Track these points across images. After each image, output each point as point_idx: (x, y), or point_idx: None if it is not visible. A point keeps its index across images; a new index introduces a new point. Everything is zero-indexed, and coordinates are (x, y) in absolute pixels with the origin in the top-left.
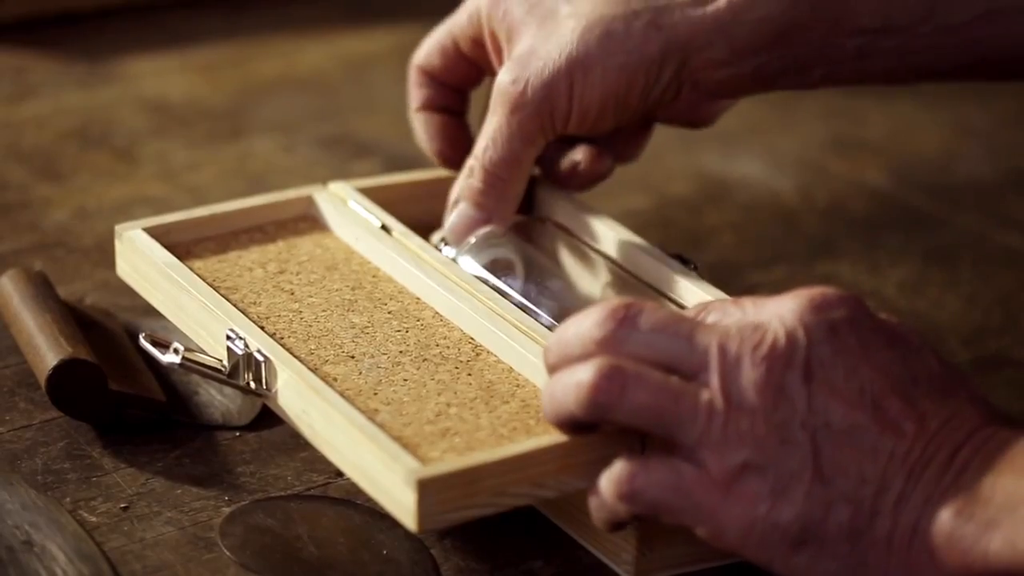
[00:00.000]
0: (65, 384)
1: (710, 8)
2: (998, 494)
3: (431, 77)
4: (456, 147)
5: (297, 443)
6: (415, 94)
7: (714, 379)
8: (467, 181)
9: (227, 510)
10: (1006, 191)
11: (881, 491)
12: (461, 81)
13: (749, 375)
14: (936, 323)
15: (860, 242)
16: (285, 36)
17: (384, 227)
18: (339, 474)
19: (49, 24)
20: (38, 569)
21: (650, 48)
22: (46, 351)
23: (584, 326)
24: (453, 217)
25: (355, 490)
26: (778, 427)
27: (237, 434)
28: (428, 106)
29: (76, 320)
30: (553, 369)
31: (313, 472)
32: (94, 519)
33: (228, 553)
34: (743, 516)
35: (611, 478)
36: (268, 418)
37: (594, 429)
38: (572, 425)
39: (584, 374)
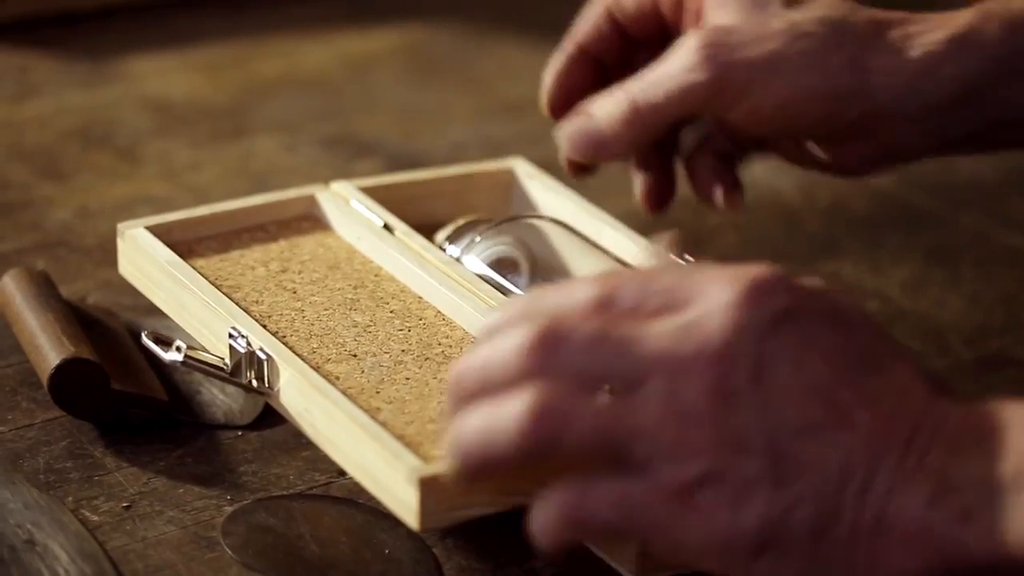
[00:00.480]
0: (67, 383)
1: (910, 55)
2: (970, 479)
3: (611, 18)
4: (571, 101)
5: (299, 442)
6: (583, 28)
7: (658, 389)
8: (611, 104)
9: (229, 509)
10: (1008, 191)
11: (842, 486)
12: (637, 31)
13: (696, 383)
14: (938, 322)
15: (862, 241)
16: (287, 36)
17: (386, 226)
18: (341, 473)
19: (51, 23)
20: (40, 568)
21: (842, 81)
22: (48, 350)
23: (507, 353)
24: (578, 122)
25: (357, 489)
26: (732, 433)
27: (239, 433)
28: (586, 47)
29: (78, 319)
30: (469, 398)
31: (315, 471)
32: (96, 518)
33: (230, 552)
34: (702, 529)
35: (552, 509)
36: (270, 417)
37: None
38: (502, 468)
39: (515, 420)
